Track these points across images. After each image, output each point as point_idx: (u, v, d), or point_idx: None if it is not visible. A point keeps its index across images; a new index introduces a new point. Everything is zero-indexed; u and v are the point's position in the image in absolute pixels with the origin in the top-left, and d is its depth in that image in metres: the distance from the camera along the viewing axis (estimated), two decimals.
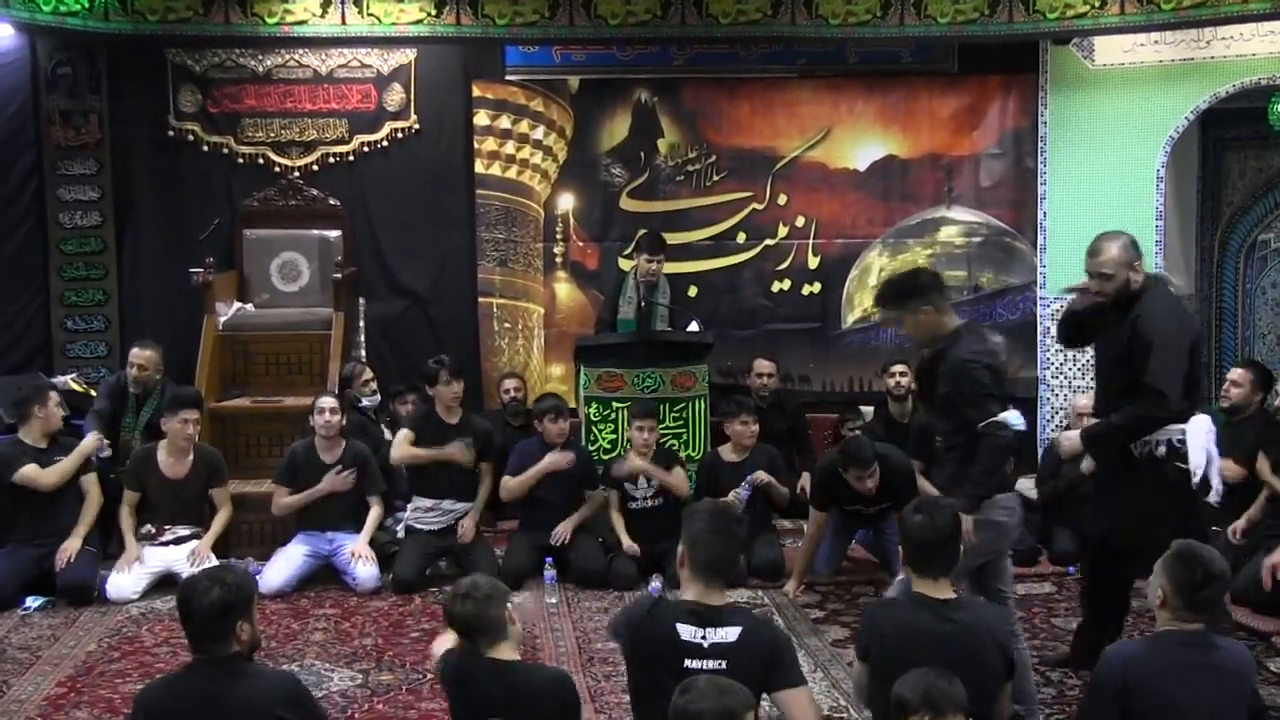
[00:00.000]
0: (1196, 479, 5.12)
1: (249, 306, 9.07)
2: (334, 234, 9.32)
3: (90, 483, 7.27)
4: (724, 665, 3.80)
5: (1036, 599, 7.11)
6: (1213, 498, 5.32)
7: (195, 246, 8.99)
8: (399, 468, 7.75)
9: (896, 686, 3.65)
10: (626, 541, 7.39)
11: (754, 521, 6.60)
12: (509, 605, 4.08)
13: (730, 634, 3.87)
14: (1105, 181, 9.18)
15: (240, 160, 9.29)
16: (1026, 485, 8.34)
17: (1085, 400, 8.02)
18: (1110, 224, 8.91)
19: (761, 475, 7.50)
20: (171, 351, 8.24)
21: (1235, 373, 7.56)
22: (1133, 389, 5.11)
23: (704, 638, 3.86)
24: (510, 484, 7.61)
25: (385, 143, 9.38)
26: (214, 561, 6.98)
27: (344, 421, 7.54)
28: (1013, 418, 5.00)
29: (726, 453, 7.70)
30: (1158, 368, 5.04)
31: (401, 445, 7.52)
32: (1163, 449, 5.14)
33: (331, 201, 9.33)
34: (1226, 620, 5.75)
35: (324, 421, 7.41)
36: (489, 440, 7.65)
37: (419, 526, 7.51)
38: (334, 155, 9.35)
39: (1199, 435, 5.13)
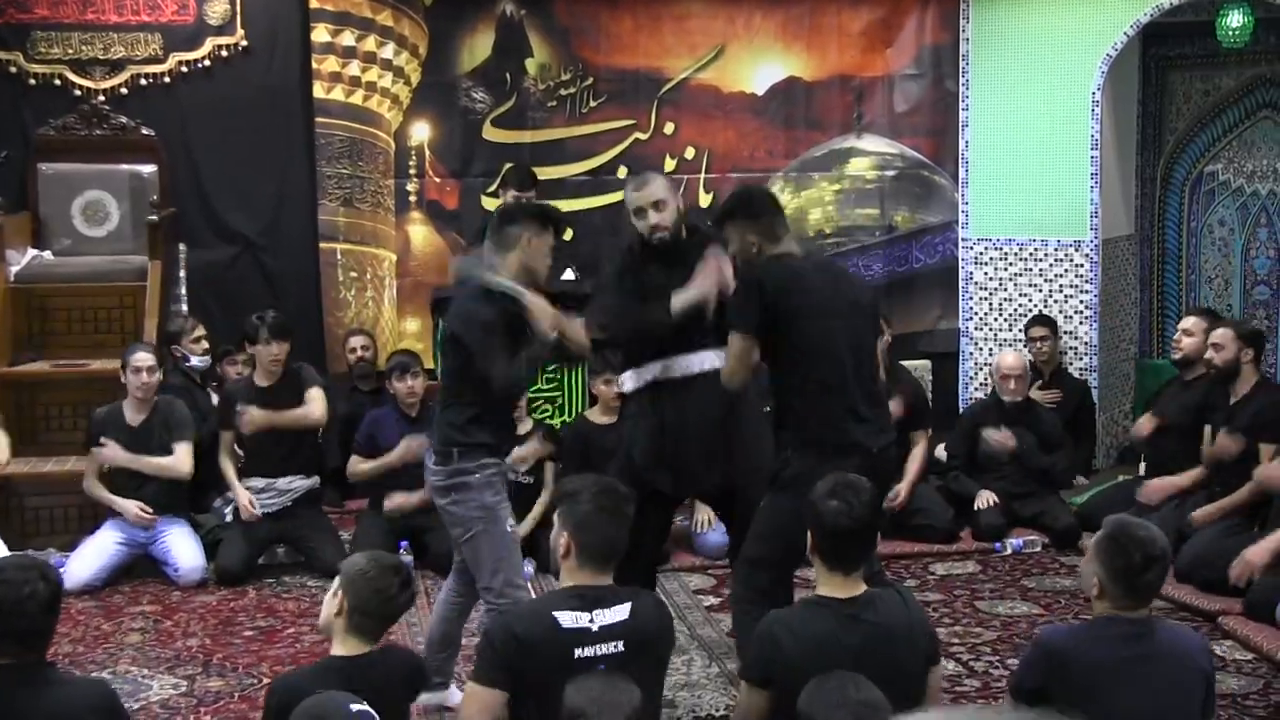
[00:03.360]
0: None
1: (46, 254, 8.90)
2: (148, 169, 9.15)
3: None
4: (620, 647, 3.85)
5: (958, 580, 7.23)
6: None
7: None
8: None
9: (802, 704, 3.59)
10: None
11: None
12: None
13: (621, 611, 3.91)
14: (1035, 106, 9.30)
15: (32, 81, 9.06)
16: (943, 452, 8.49)
17: (1012, 359, 8.16)
18: (1041, 154, 9.23)
19: None
20: None
21: (1187, 321, 7.73)
22: None
23: (591, 620, 3.88)
24: (359, 469, 7.64)
25: (207, 62, 9.23)
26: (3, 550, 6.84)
27: (160, 380, 7.44)
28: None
29: (595, 415, 7.72)
30: None
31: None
32: None
33: (144, 131, 9.15)
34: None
35: (140, 382, 7.30)
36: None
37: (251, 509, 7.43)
38: (146, 76, 9.18)
39: None
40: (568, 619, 3.86)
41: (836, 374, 5.02)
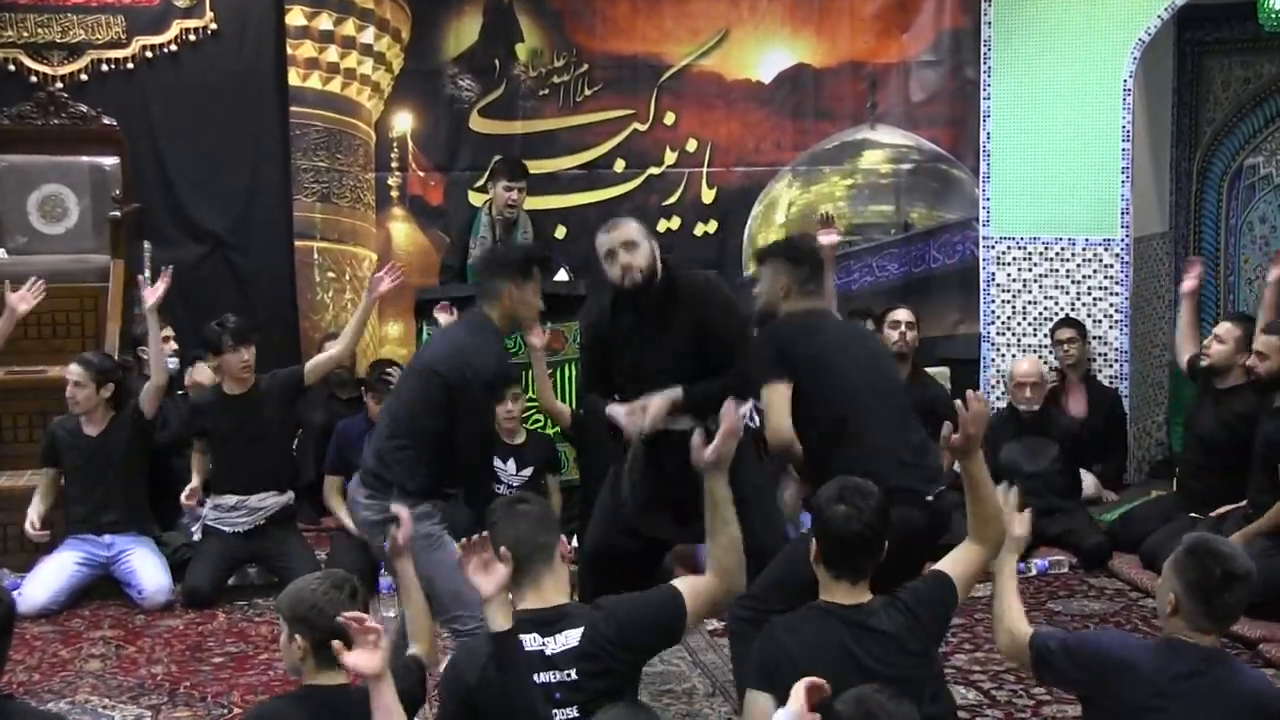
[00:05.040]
0: None
1: (0, 252, 8.88)
2: (110, 162, 9.13)
3: None
4: (573, 675, 3.88)
5: (980, 603, 7.20)
6: None
7: None
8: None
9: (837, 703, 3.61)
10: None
11: None
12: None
13: (573, 637, 3.94)
14: (1061, 95, 9.30)
15: None
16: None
17: (1027, 365, 8.15)
18: (1067, 146, 9.22)
19: None
20: None
21: (1221, 327, 7.74)
22: None
23: (544, 645, 3.92)
24: (335, 492, 7.67)
25: (174, 46, 9.25)
26: None
27: (104, 395, 7.41)
28: None
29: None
30: None
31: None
32: None
33: (106, 121, 9.14)
34: None
35: (68, 394, 7.33)
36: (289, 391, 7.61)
37: (220, 528, 7.44)
38: (108, 62, 9.20)
39: None
40: (528, 641, 3.91)
41: (862, 417, 5.12)
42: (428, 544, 5.12)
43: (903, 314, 8.39)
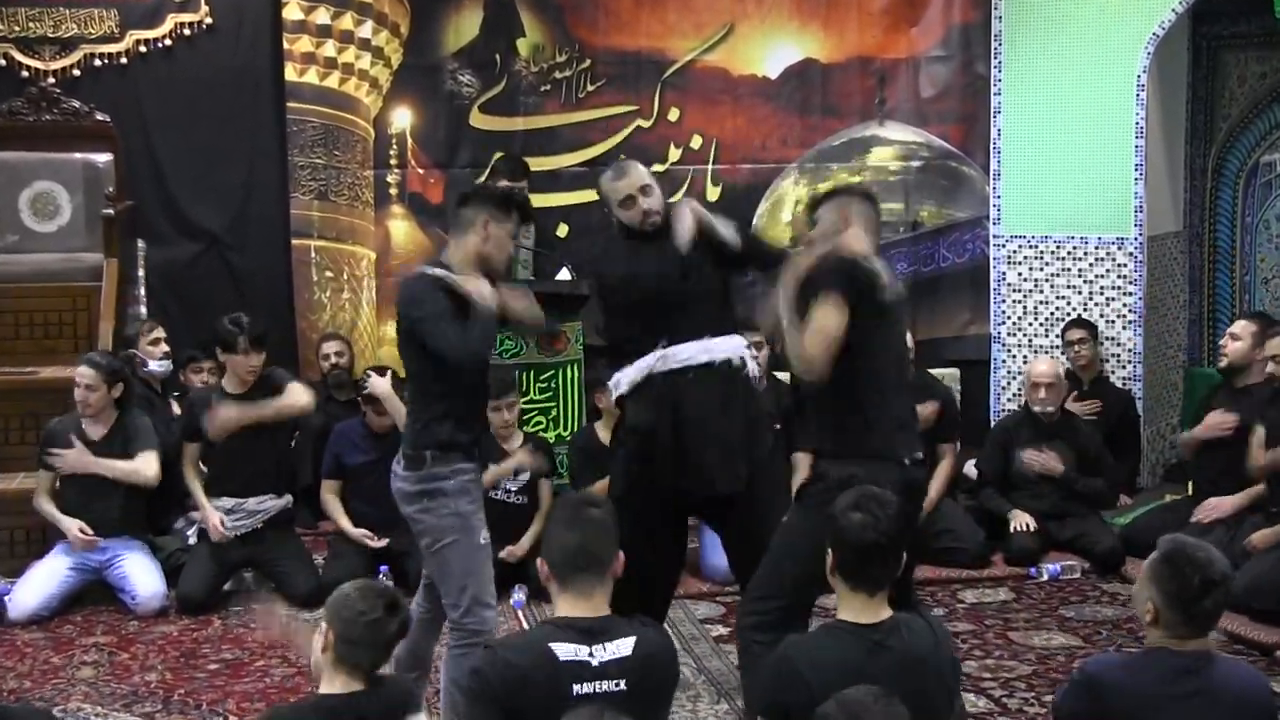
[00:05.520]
0: None
1: None
2: (103, 158, 9.13)
3: None
4: (623, 686, 3.82)
5: (990, 608, 7.21)
6: None
7: None
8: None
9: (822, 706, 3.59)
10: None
11: None
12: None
13: (624, 646, 3.88)
14: (1074, 91, 9.28)
15: None
16: (973, 469, 8.47)
17: (1044, 365, 8.14)
18: (1080, 143, 9.21)
19: None
20: None
21: (1237, 325, 7.77)
22: None
23: (591, 655, 3.85)
24: (330, 509, 7.70)
25: (168, 41, 9.25)
26: None
27: (114, 395, 7.40)
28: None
29: (602, 430, 7.72)
30: None
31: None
32: None
33: (99, 117, 9.13)
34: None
35: (79, 398, 7.31)
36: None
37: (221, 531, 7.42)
38: (101, 57, 9.20)
39: None
40: (565, 651, 3.83)
41: (895, 378, 5.16)
42: (455, 525, 5.14)
43: None
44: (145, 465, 7.37)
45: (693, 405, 5.48)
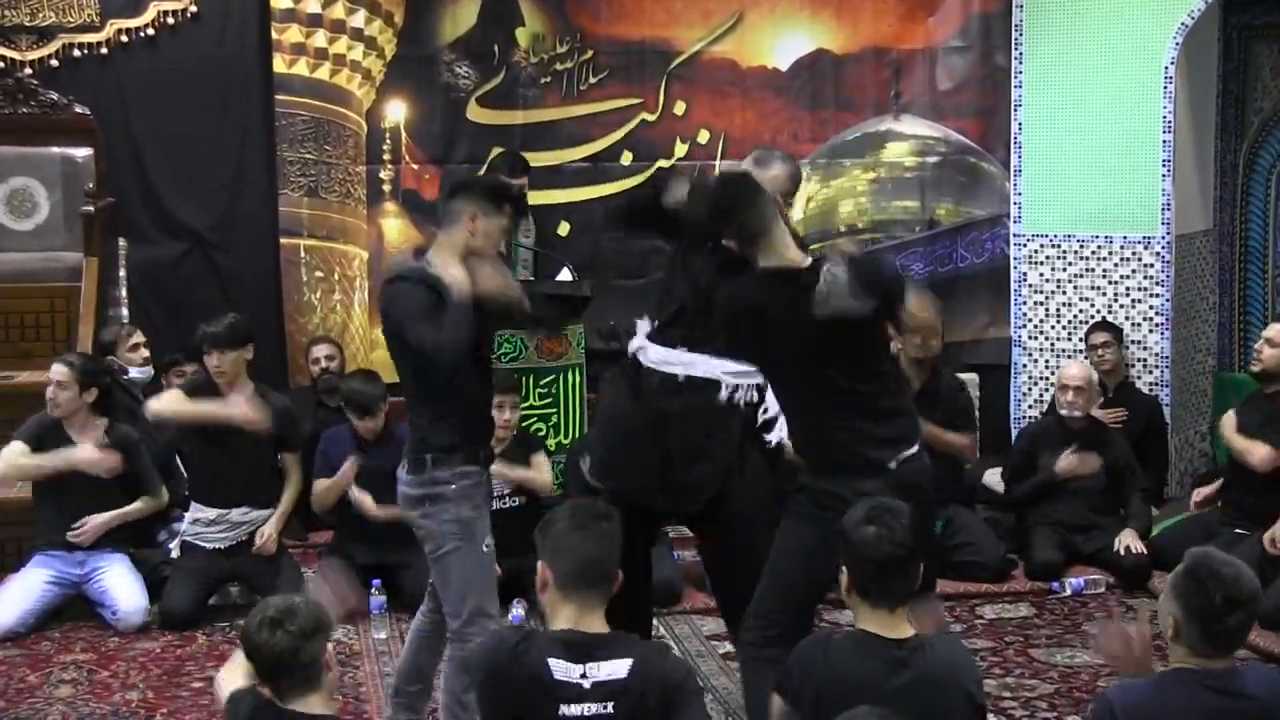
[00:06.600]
0: None
1: None
2: (82, 153, 9.18)
3: None
4: (609, 709, 3.80)
5: (1010, 624, 7.19)
6: None
7: None
8: (178, 467, 7.65)
9: None
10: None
11: None
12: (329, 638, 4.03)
13: (618, 669, 3.86)
14: (1098, 84, 9.30)
15: None
16: (994, 479, 8.45)
17: (1075, 369, 8.12)
18: (1105, 138, 9.19)
19: None
20: None
21: (1271, 329, 7.75)
22: None
23: (584, 675, 3.84)
24: (323, 491, 7.60)
25: (151, 30, 9.26)
26: None
27: (86, 399, 7.37)
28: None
29: None
30: None
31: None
32: None
33: (79, 109, 9.16)
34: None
35: (49, 395, 7.27)
36: (290, 421, 7.57)
37: (200, 544, 7.42)
38: (80, 46, 9.20)
39: None
40: (559, 669, 3.83)
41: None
42: (456, 532, 5.14)
43: None
44: (150, 505, 7.49)
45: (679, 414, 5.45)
